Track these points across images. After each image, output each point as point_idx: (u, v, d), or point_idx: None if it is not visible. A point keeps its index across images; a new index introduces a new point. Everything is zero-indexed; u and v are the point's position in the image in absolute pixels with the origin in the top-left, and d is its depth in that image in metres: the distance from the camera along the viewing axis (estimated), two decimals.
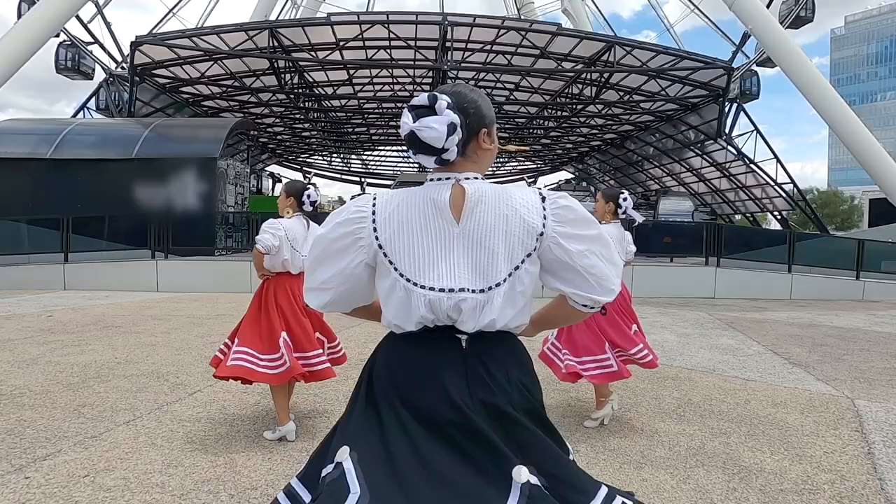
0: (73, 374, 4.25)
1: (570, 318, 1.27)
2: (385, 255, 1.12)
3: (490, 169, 1.41)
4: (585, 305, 1.18)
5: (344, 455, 1.04)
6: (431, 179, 1.17)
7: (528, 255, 1.11)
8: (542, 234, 1.11)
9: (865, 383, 4.50)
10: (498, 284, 1.10)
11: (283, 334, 2.97)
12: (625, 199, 3.43)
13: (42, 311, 7.41)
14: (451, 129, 1.09)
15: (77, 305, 8.08)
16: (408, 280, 1.10)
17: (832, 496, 2.50)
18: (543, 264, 1.15)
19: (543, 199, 1.14)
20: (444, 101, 1.10)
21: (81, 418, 3.31)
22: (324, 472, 1.06)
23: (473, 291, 1.09)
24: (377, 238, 1.12)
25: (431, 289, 1.09)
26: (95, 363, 4.60)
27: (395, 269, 1.11)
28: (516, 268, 1.11)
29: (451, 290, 1.08)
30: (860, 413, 3.72)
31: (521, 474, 1.00)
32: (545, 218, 1.12)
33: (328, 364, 3.13)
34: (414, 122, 1.10)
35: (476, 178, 1.16)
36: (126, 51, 20.68)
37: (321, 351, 3.12)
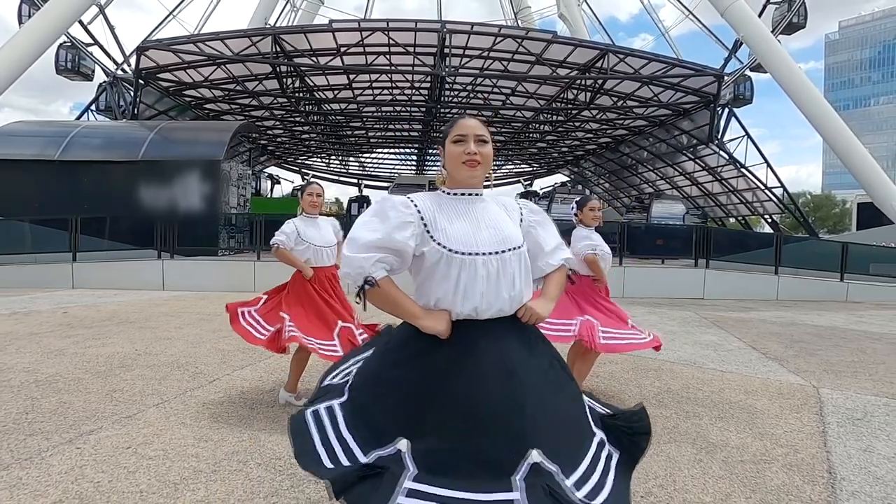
0: (100, 364, 4.58)
1: None
2: None
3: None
4: None
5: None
6: None
7: None
8: None
9: (832, 374, 4.87)
10: None
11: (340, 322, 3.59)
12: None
13: (56, 308, 7.72)
14: None
15: (89, 303, 8.39)
16: None
17: (784, 465, 2.86)
18: None
19: None
20: None
21: (114, 401, 3.65)
22: None
23: None
24: None
25: None
26: (118, 354, 4.93)
27: None
28: None
29: None
30: (822, 399, 4.09)
31: None
32: None
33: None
34: None
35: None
36: (127, 52, 21.07)
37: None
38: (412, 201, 1.54)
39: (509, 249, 1.52)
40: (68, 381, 4.08)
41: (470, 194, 1.60)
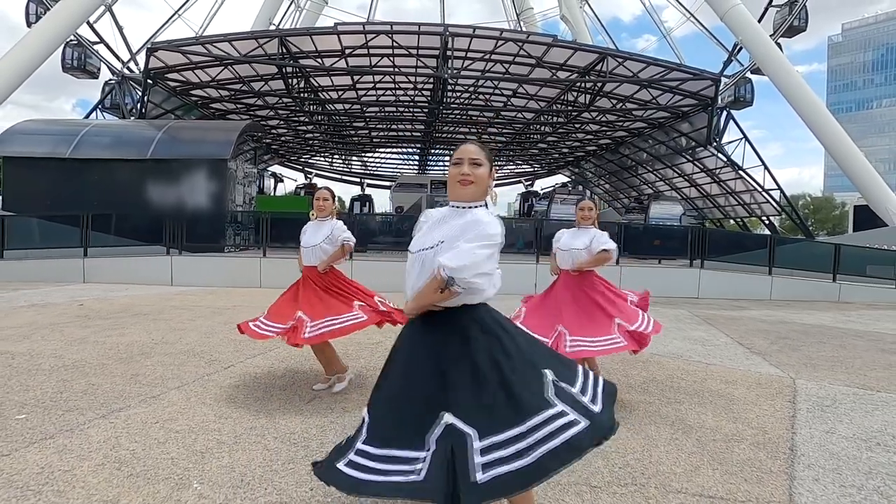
0: (121, 351, 4.87)
1: None
2: None
3: None
4: None
5: None
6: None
7: None
8: None
9: (810, 367, 5.15)
10: None
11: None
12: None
13: (72, 301, 8.02)
14: None
15: (101, 296, 8.69)
16: None
17: (752, 443, 3.14)
18: None
19: None
20: None
21: (138, 384, 3.94)
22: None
23: None
24: None
25: None
26: (137, 343, 5.23)
27: None
28: None
29: None
30: (797, 389, 4.37)
31: None
32: None
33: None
34: None
35: None
36: (134, 51, 21.38)
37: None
38: (428, 213, 2.02)
39: (418, 251, 1.85)
40: (94, 366, 4.38)
41: (462, 207, 1.87)
